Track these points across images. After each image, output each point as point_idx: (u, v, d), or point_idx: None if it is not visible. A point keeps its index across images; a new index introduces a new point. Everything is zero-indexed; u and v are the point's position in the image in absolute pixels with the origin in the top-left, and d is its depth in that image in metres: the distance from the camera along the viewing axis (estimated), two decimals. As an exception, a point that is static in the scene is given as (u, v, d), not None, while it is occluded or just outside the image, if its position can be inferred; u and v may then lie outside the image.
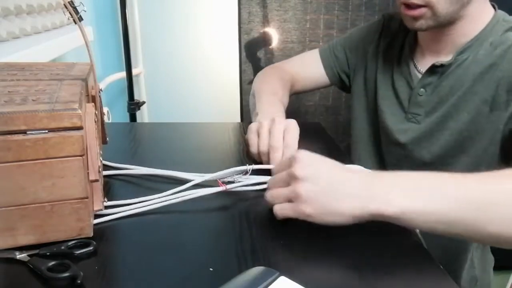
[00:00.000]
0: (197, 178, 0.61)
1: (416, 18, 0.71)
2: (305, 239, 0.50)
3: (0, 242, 0.44)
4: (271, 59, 1.49)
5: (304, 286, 0.38)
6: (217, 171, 0.66)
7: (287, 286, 0.38)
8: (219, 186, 0.57)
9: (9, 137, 0.41)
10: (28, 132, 0.42)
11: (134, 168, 0.66)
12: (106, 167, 0.66)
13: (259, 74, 0.96)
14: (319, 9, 1.45)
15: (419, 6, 0.69)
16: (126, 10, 1.54)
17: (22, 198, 0.43)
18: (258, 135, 0.67)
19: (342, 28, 1.47)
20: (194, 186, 0.59)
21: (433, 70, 0.75)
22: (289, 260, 0.46)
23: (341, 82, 0.97)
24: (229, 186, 0.58)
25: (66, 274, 0.41)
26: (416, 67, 0.80)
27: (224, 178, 0.61)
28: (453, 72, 0.74)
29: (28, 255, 0.44)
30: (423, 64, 0.79)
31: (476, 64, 0.72)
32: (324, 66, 0.96)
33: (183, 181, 0.61)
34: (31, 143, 0.42)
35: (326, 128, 0.93)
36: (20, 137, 0.42)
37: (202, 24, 1.72)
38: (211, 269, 0.44)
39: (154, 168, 0.65)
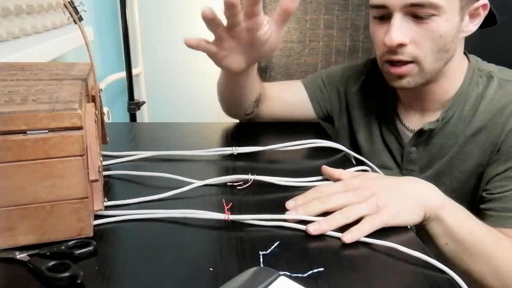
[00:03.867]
0: (197, 181, 0.60)
1: (402, 76, 0.69)
2: (304, 238, 0.50)
3: (0, 242, 0.44)
4: (269, 59, 1.49)
5: (304, 286, 0.38)
6: (217, 172, 0.66)
7: (287, 286, 0.38)
8: (224, 209, 0.54)
9: (9, 137, 0.41)
10: (28, 132, 0.42)
11: (135, 154, 0.68)
12: (107, 157, 0.67)
13: None
14: (319, 9, 1.45)
15: (406, 63, 0.67)
16: (126, 10, 1.54)
17: (22, 198, 0.43)
18: None
19: (342, 28, 1.47)
20: (195, 191, 0.59)
21: (423, 131, 0.75)
22: (289, 260, 0.46)
23: (326, 118, 0.93)
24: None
25: (66, 274, 0.41)
26: (403, 124, 0.79)
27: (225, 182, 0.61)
28: (442, 130, 0.73)
29: (28, 255, 0.44)
30: (410, 121, 0.78)
31: (463, 122, 0.71)
32: (311, 99, 0.90)
33: (183, 182, 0.61)
34: (31, 143, 0.42)
35: (326, 128, 0.93)
36: (20, 137, 0.42)
37: (202, 24, 1.71)
38: (211, 269, 0.44)
39: (154, 168, 0.66)
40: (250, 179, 0.62)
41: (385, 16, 0.67)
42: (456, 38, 0.67)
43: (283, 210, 0.54)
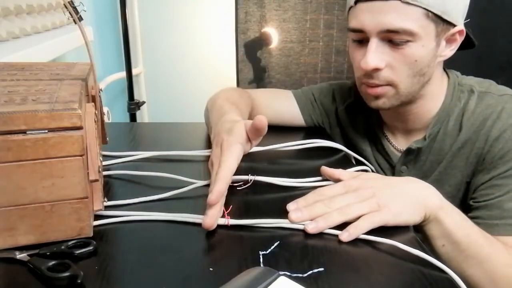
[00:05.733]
0: (198, 181, 0.60)
1: (378, 97, 0.70)
2: (304, 238, 0.50)
3: (0, 242, 0.44)
4: (269, 59, 1.50)
5: (304, 286, 0.38)
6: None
7: (287, 286, 0.38)
8: (223, 215, 0.52)
9: (9, 137, 0.41)
10: (28, 132, 0.42)
11: (135, 154, 0.68)
12: (107, 157, 0.67)
13: (215, 94, 0.83)
14: (319, 9, 1.45)
15: (382, 84, 0.68)
16: (126, 10, 1.54)
17: (22, 198, 0.43)
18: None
19: (342, 28, 1.47)
20: (195, 191, 0.59)
21: (411, 150, 0.76)
22: (289, 260, 0.46)
23: (317, 128, 0.93)
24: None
25: (66, 274, 0.41)
26: (391, 143, 0.81)
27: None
28: (429, 147, 0.75)
29: (28, 255, 0.44)
30: (397, 141, 0.80)
31: (449, 137, 0.73)
32: (302, 111, 0.90)
33: (183, 182, 0.61)
34: (31, 143, 0.42)
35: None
36: (20, 137, 0.42)
37: (202, 24, 1.72)
38: (211, 269, 0.44)
39: (154, 168, 0.66)
40: (250, 180, 0.62)
41: (363, 40, 0.68)
42: (433, 62, 0.68)
43: (283, 211, 0.54)
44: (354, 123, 0.86)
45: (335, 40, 1.48)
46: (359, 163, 0.75)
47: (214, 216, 0.49)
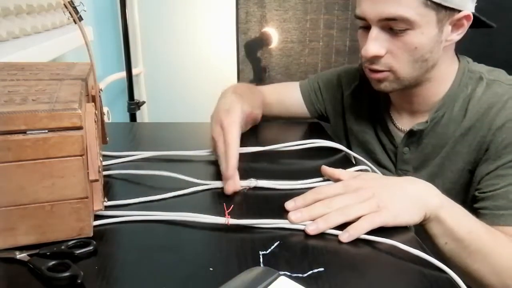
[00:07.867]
0: (199, 181, 0.61)
1: (380, 81, 0.72)
2: (304, 238, 0.50)
3: (0, 242, 0.44)
4: (269, 59, 1.50)
5: (304, 286, 0.38)
6: (217, 172, 0.66)
7: (287, 286, 0.38)
8: (224, 213, 0.52)
9: (9, 137, 0.41)
10: (28, 132, 0.42)
11: (135, 154, 0.69)
12: (107, 157, 0.67)
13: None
14: (319, 9, 1.45)
15: (382, 70, 0.70)
16: (126, 10, 1.54)
17: (22, 198, 0.43)
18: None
19: (342, 28, 1.47)
20: (195, 191, 0.59)
21: (413, 132, 0.76)
22: (289, 260, 0.46)
23: (321, 117, 0.96)
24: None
25: (66, 274, 0.41)
26: (395, 125, 0.81)
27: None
28: (433, 130, 0.75)
29: (28, 255, 0.44)
30: (401, 122, 0.81)
31: (453, 122, 0.73)
32: (305, 101, 0.94)
33: (183, 182, 0.61)
34: (31, 143, 0.42)
35: (326, 128, 0.93)
36: (20, 137, 0.42)
37: (202, 24, 1.72)
38: (211, 269, 0.44)
39: (154, 169, 0.66)
40: (252, 185, 0.61)
41: (368, 27, 0.69)
42: (437, 48, 0.68)
43: (283, 211, 0.54)
44: (359, 107, 0.87)
45: (335, 40, 1.49)
46: (359, 163, 0.75)
47: (234, 182, 0.59)
